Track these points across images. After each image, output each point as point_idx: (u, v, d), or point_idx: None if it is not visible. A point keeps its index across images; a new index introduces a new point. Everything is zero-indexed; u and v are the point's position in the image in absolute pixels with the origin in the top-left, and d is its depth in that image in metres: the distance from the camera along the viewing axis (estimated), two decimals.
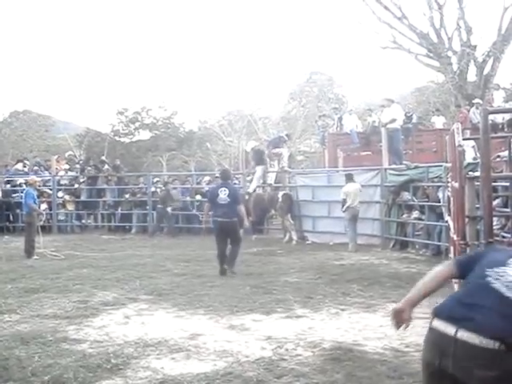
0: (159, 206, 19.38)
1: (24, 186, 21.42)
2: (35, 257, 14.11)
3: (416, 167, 14.73)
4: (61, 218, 21.23)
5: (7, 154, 33.05)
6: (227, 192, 11.35)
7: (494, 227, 7.13)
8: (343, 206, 15.06)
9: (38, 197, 19.42)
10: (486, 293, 2.91)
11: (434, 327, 3.09)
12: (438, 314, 3.11)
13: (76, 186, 21.91)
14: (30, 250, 14.31)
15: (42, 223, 15.96)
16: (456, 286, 7.72)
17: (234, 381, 5.35)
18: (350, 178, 15.36)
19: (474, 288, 3.03)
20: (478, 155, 9.02)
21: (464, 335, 2.82)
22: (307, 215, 17.20)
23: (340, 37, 71.24)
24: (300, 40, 74.48)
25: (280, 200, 16.64)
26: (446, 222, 10.65)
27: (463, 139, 7.83)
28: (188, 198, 20.41)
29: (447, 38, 24.31)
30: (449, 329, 2.91)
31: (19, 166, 23.45)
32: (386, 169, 15.69)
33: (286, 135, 20.89)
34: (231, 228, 11.33)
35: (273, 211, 16.61)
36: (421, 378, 5.37)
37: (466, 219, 7.36)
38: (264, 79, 67.87)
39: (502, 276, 2.94)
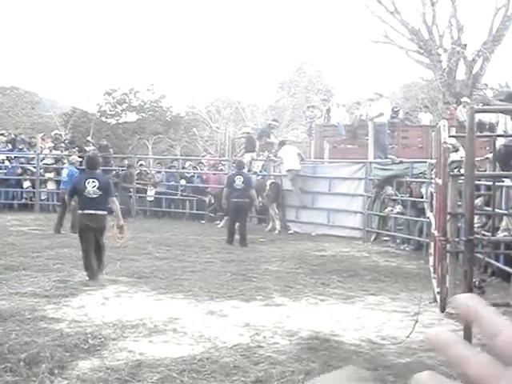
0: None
1: (7, 163, 21.34)
2: (64, 232, 14.44)
3: (401, 162, 14.80)
4: (43, 197, 21.02)
5: None
6: (242, 179, 13.78)
7: (475, 225, 7.20)
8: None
9: (21, 174, 19.36)
10: (88, 199, 9.17)
11: (85, 213, 9.15)
12: (82, 208, 9.22)
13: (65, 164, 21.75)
14: (57, 228, 14.69)
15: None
16: (434, 282, 7.81)
17: (211, 366, 5.39)
18: (283, 144, 17.35)
19: (85, 198, 9.15)
20: None
21: (90, 211, 9.08)
22: (291, 205, 17.23)
23: (331, 29, 71.23)
24: (291, 30, 74.42)
25: (268, 188, 16.67)
26: (428, 217, 10.73)
27: (449, 137, 7.88)
28: (173, 183, 20.36)
29: (438, 35, 24.35)
30: (91, 211, 9.09)
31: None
32: (371, 162, 15.75)
33: (274, 120, 20.90)
34: (243, 207, 13.88)
35: (260, 199, 16.65)
36: (396, 370, 5.48)
37: (448, 216, 7.43)
38: (253, 67, 67.68)
39: (87, 190, 9.13)
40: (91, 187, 9.22)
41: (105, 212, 9.42)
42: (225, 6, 75.50)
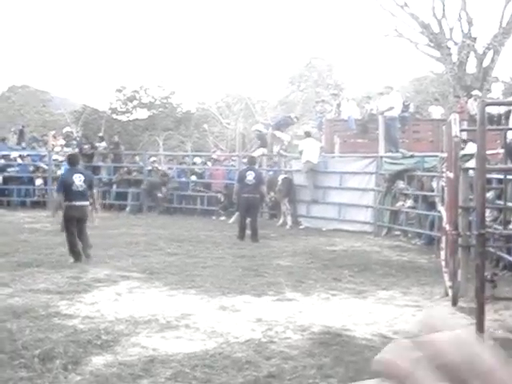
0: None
1: (19, 161, 21.48)
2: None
3: (412, 156, 14.76)
4: (55, 194, 21.04)
5: (4, 128, 32.90)
6: (253, 174, 13.75)
7: (487, 219, 7.17)
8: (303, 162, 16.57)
9: (33, 172, 19.47)
10: (76, 192, 10.34)
11: (72, 204, 10.32)
12: (70, 200, 10.32)
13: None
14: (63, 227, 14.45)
15: None
16: (446, 276, 7.80)
17: (223, 361, 5.41)
18: (308, 135, 17.10)
19: (73, 191, 10.34)
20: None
21: (77, 203, 10.37)
22: (302, 200, 17.22)
23: (341, 23, 71.03)
24: (300, 24, 74.18)
25: (280, 183, 16.66)
26: (439, 211, 10.71)
27: (460, 130, 7.86)
28: (184, 179, 20.38)
29: (448, 28, 24.25)
30: (79, 203, 10.35)
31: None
32: (381, 157, 15.70)
33: (295, 117, 20.77)
34: (254, 203, 13.88)
35: (272, 194, 16.66)
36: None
37: (459, 210, 7.42)
38: (263, 62, 67.66)
39: (75, 184, 10.35)
40: (78, 181, 10.49)
41: (88, 203, 10.74)
42: (234, 2, 75.45)
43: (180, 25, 72.17)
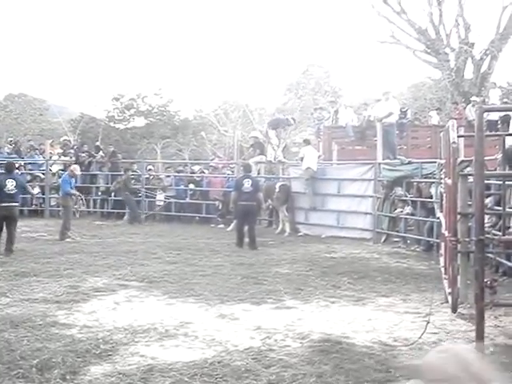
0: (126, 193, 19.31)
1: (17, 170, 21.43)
2: (68, 239, 14.37)
3: (410, 163, 14.74)
4: (53, 203, 21.00)
5: (1, 138, 32.92)
6: (250, 182, 13.79)
7: (486, 225, 7.15)
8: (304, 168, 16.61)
9: (30, 181, 19.48)
10: (7, 194, 11.92)
11: (3, 205, 11.81)
12: (1, 201, 11.74)
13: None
14: (64, 232, 14.56)
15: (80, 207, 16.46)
16: (445, 282, 7.77)
17: (223, 369, 5.38)
18: (307, 143, 17.47)
19: (4, 193, 11.84)
20: None
21: (6, 204, 11.93)
22: (300, 207, 17.18)
23: (338, 30, 71.24)
24: (298, 32, 74.37)
25: (277, 191, 16.62)
26: (438, 218, 10.68)
27: (458, 136, 7.85)
28: (182, 187, 20.31)
29: (445, 34, 24.32)
30: (7, 204, 11.87)
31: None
32: (379, 163, 15.68)
33: (293, 119, 20.65)
34: (252, 210, 13.95)
35: (269, 201, 16.62)
36: (407, 372, 5.43)
37: (458, 216, 7.39)
38: (261, 70, 67.82)
39: (7, 188, 11.92)
40: (10, 185, 12.09)
41: (18, 204, 12.64)
42: (231, 10, 75.65)
43: (177, 33, 72.36)
